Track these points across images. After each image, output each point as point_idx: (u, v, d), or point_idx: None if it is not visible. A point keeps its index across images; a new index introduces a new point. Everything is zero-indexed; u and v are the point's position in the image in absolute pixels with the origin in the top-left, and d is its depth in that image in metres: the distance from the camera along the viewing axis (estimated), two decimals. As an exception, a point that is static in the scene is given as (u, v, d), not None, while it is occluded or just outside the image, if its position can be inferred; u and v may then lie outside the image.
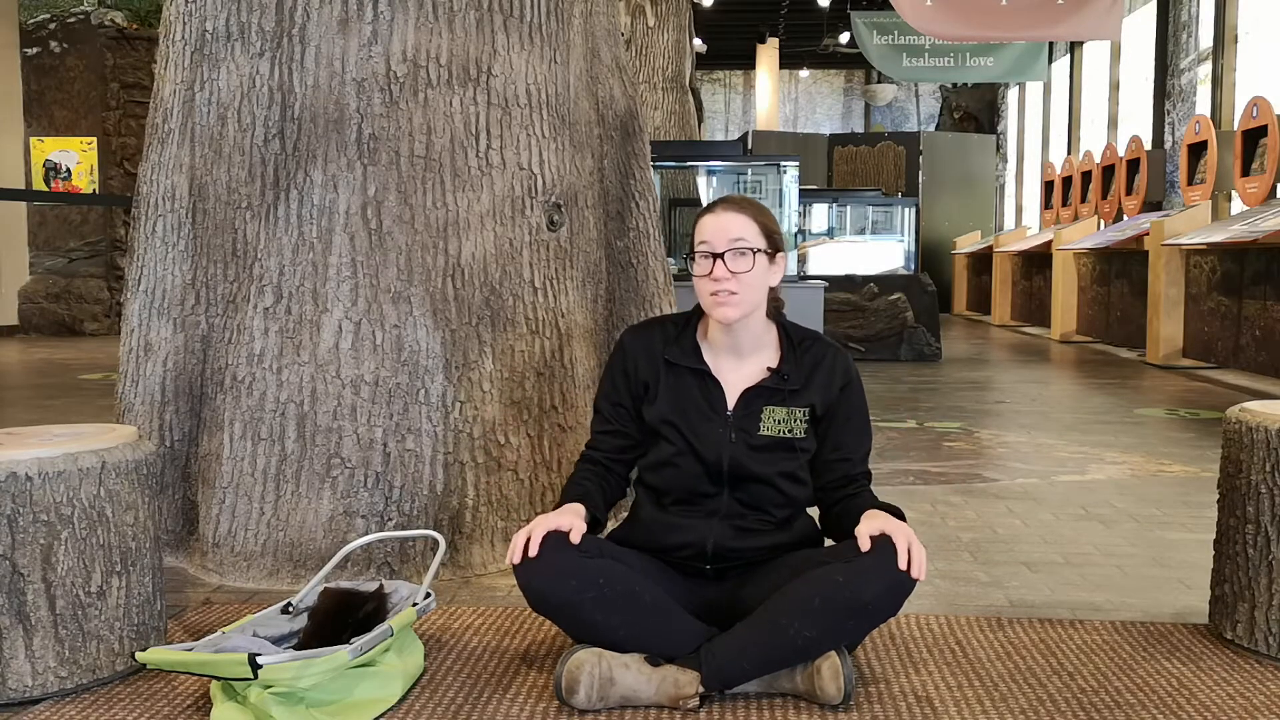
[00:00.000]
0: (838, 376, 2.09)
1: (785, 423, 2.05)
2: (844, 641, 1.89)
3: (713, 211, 2.03)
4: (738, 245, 1.98)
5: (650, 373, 2.10)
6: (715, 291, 1.98)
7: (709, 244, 2.00)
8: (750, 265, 1.99)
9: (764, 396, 2.06)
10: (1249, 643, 2.14)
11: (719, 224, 2.00)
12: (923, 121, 22.05)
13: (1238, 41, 9.75)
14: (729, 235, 1.99)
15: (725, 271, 1.97)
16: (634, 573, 1.94)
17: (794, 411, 2.06)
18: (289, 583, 2.56)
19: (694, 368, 2.08)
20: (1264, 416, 2.13)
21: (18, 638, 1.90)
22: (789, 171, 6.85)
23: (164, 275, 2.84)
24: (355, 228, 2.65)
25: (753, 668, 1.87)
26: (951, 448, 4.45)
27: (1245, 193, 7.64)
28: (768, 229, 2.04)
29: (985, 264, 13.49)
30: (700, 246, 2.02)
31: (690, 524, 2.05)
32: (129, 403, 2.85)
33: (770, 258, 2.04)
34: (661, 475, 2.08)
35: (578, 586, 1.87)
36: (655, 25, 11.23)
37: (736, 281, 1.98)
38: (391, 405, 2.62)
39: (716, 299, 1.99)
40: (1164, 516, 3.31)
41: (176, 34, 2.85)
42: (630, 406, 2.12)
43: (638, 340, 2.14)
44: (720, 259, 1.98)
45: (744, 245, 1.99)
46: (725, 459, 2.03)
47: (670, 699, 1.85)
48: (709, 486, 2.05)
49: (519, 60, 2.80)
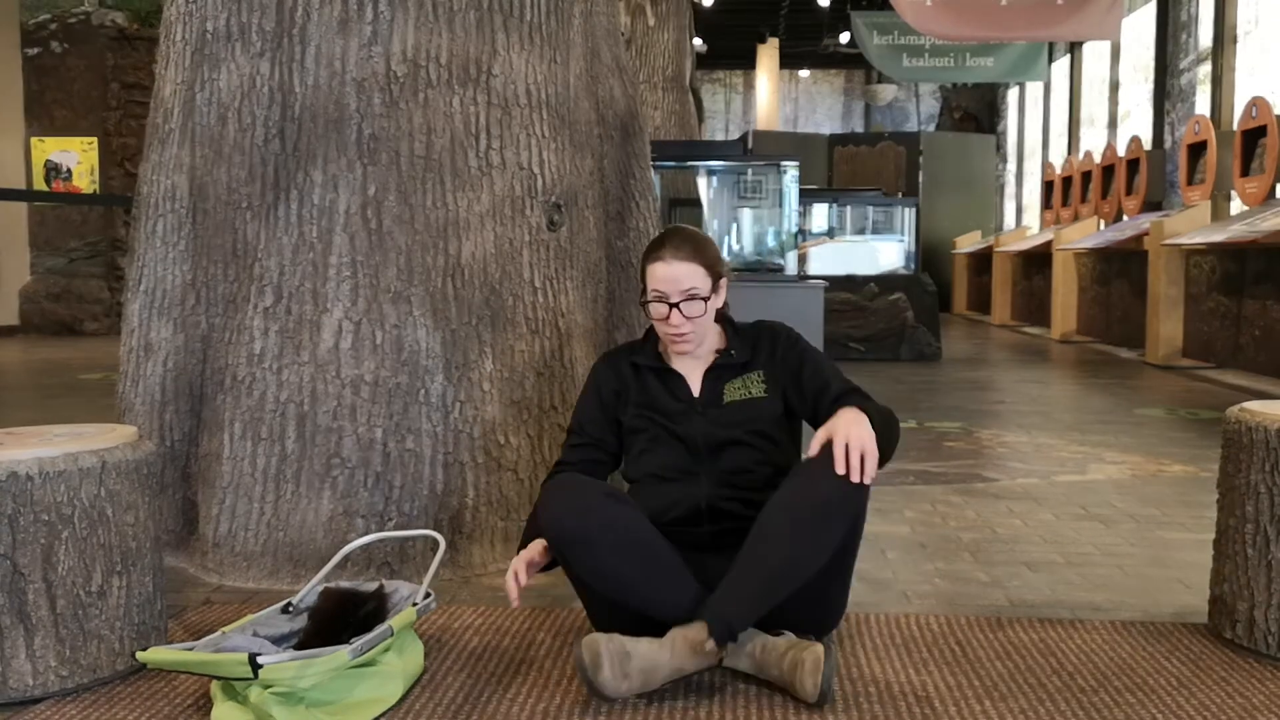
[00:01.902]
0: (780, 342, 2.24)
1: (743, 388, 2.20)
2: (831, 548, 1.94)
3: (663, 260, 2.14)
4: (690, 294, 2.13)
5: (621, 383, 2.26)
6: (673, 334, 2.16)
7: (663, 294, 2.14)
8: (703, 310, 2.16)
9: (722, 374, 2.22)
10: (1249, 643, 2.14)
11: (672, 274, 2.13)
12: (923, 121, 22.05)
13: (1237, 41, 9.75)
14: (681, 287, 2.13)
15: (681, 319, 2.14)
16: (651, 527, 2.01)
17: (748, 377, 2.21)
18: (289, 583, 2.56)
19: (657, 367, 2.24)
20: (1264, 416, 2.13)
21: (18, 637, 1.90)
22: (789, 171, 6.85)
23: (164, 275, 2.84)
24: (355, 228, 2.65)
25: (753, 608, 1.92)
26: (951, 448, 4.45)
27: (1245, 193, 7.64)
28: (712, 267, 2.18)
29: (985, 264, 13.49)
30: (654, 292, 2.16)
31: (681, 490, 2.14)
32: (129, 403, 2.85)
33: (716, 291, 2.20)
34: (644, 461, 2.20)
35: (599, 525, 1.94)
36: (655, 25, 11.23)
37: (691, 324, 2.15)
38: (391, 405, 2.62)
39: (674, 339, 2.17)
40: (1164, 516, 3.31)
41: (177, 34, 2.85)
42: (605, 419, 2.26)
43: (608, 364, 2.31)
44: (675, 308, 2.13)
45: (696, 293, 2.14)
46: (699, 434, 2.16)
47: (690, 653, 1.89)
48: (690, 461, 2.16)
49: (519, 60, 2.80)
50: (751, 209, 7.44)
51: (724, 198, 7.51)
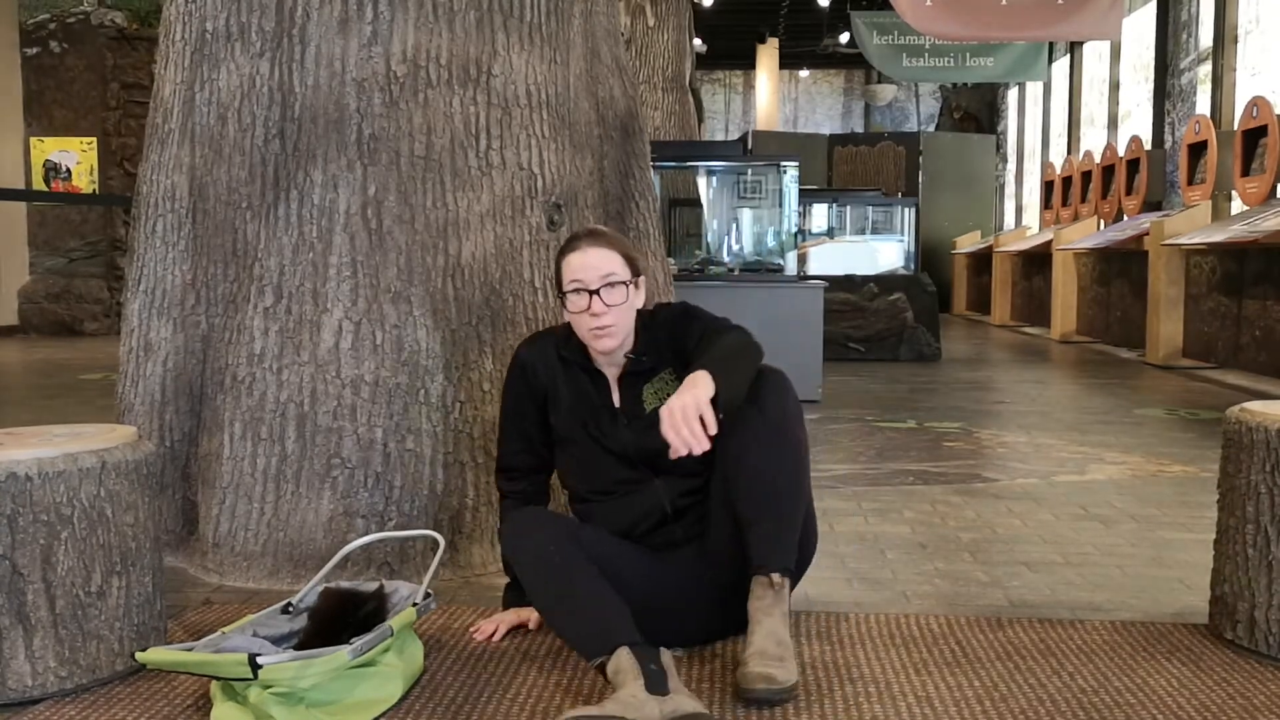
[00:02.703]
0: (676, 327, 2.18)
1: (660, 391, 2.15)
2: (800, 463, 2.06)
3: (579, 250, 2.11)
4: (610, 280, 2.09)
5: (548, 378, 2.21)
6: (595, 327, 2.09)
7: (582, 281, 2.09)
8: (624, 297, 2.10)
9: (636, 380, 2.17)
10: (1249, 643, 2.14)
11: (588, 261, 2.09)
12: (923, 121, 22.05)
13: (1238, 41, 9.75)
14: (600, 272, 2.08)
15: (602, 306, 2.08)
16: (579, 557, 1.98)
17: (663, 377, 2.17)
18: (289, 583, 2.56)
19: (584, 365, 2.19)
20: (1264, 416, 2.13)
21: (18, 638, 1.90)
22: (789, 171, 6.84)
23: (164, 275, 2.84)
24: (355, 228, 2.65)
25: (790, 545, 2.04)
26: (951, 448, 4.45)
27: (1245, 193, 7.64)
28: (630, 258, 2.16)
29: (985, 264, 13.49)
30: (573, 284, 2.10)
31: (640, 501, 2.14)
32: (129, 403, 2.85)
33: (635, 285, 2.16)
34: (588, 477, 2.19)
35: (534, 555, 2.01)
36: (655, 25, 11.23)
37: (613, 314, 2.09)
38: (391, 405, 2.62)
39: (596, 334, 2.11)
40: (1164, 516, 3.31)
41: (176, 34, 2.85)
42: (535, 418, 2.23)
43: (533, 350, 2.24)
44: (596, 295, 2.08)
45: (615, 279, 2.10)
46: (630, 447, 2.14)
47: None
48: (633, 472, 2.15)
49: (519, 60, 2.80)
50: (751, 209, 7.43)
51: (724, 198, 7.51)
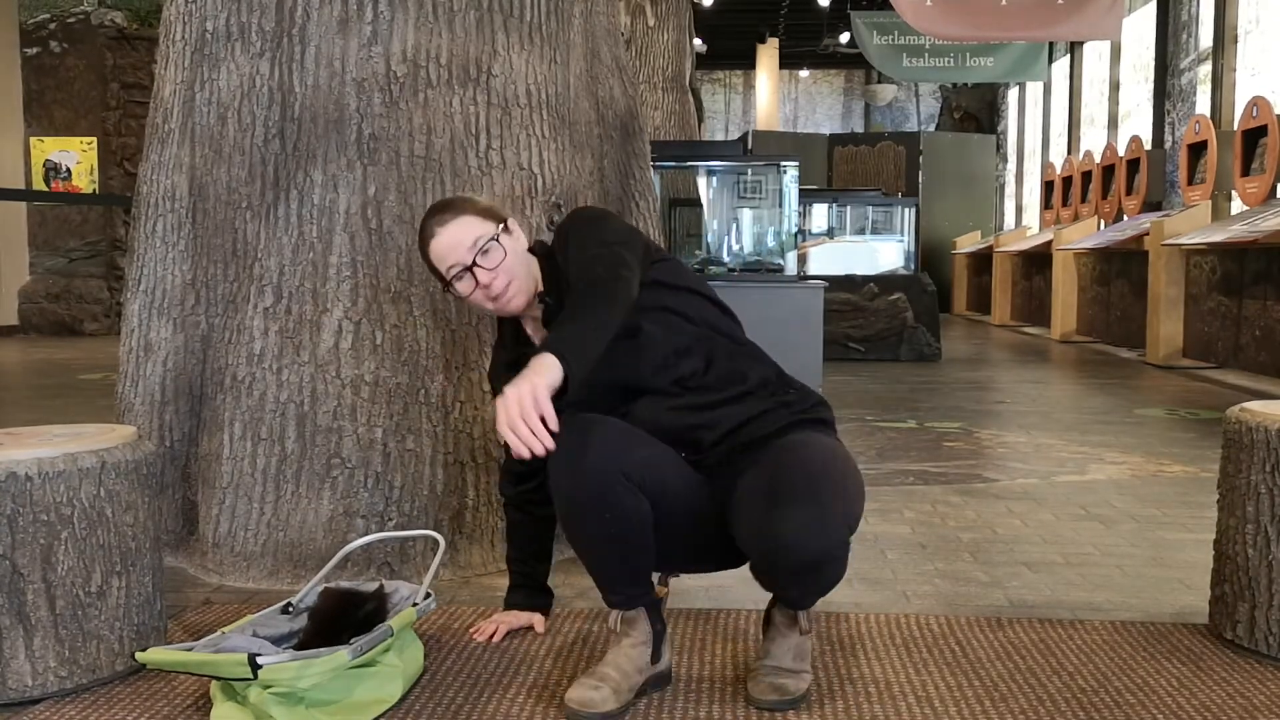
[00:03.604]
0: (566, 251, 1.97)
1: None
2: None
3: (434, 235, 2.00)
4: (479, 246, 1.98)
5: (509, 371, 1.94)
6: (494, 296, 1.98)
7: (456, 264, 1.98)
8: (502, 254, 1.99)
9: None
10: (1249, 643, 2.14)
11: (448, 242, 1.99)
12: (923, 121, 22.05)
13: (1238, 41, 9.75)
14: (464, 245, 1.98)
15: (488, 275, 1.97)
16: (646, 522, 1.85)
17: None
18: (289, 583, 2.56)
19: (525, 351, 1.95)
20: (1264, 416, 2.13)
21: (18, 638, 1.90)
22: (789, 171, 6.84)
23: (164, 275, 2.84)
24: (355, 227, 2.65)
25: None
26: (951, 448, 4.45)
27: (1245, 193, 7.64)
28: (484, 211, 2.03)
29: (985, 264, 13.49)
30: (450, 272, 2.00)
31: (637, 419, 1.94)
32: (129, 403, 2.85)
33: (506, 231, 2.01)
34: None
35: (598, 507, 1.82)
36: (655, 25, 11.23)
37: (501, 273, 1.97)
38: (391, 405, 2.62)
39: (498, 303, 2.00)
40: (1164, 516, 3.31)
41: (176, 34, 2.85)
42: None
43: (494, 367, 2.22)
44: (474, 269, 1.97)
45: (483, 242, 1.98)
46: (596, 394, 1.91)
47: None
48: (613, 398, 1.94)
49: (519, 60, 2.80)
50: (751, 209, 7.44)
51: (724, 198, 7.51)
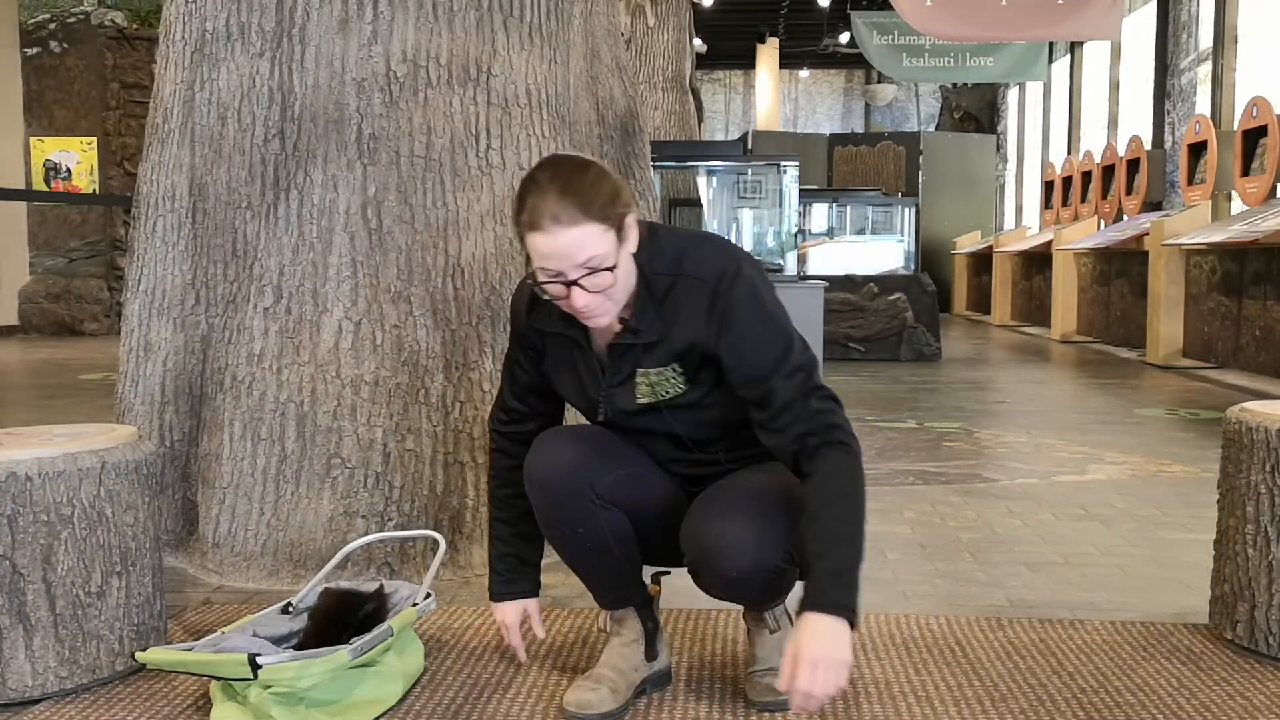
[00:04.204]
0: (702, 305, 1.72)
1: (659, 385, 1.78)
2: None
3: (541, 229, 1.61)
4: (590, 265, 1.63)
5: (534, 334, 1.87)
6: (579, 312, 1.68)
7: (560, 274, 1.64)
8: (610, 281, 1.65)
9: (628, 358, 1.77)
10: (1249, 643, 2.14)
11: (558, 247, 1.61)
12: (923, 121, 22.04)
13: (1238, 41, 9.75)
14: (575, 260, 1.62)
15: (586, 297, 1.65)
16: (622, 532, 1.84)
17: (663, 372, 1.77)
18: (289, 583, 2.56)
19: (563, 333, 1.82)
20: (1264, 416, 2.13)
21: (18, 638, 1.90)
22: (789, 171, 6.85)
23: (164, 275, 2.84)
24: (355, 228, 2.65)
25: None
26: (951, 448, 4.45)
27: (1245, 193, 7.64)
28: (609, 216, 1.63)
29: (985, 264, 13.49)
30: (545, 269, 1.65)
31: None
32: (129, 403, 2.85)
33: (621, 240, 1.66)
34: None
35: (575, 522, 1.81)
36: (655, 25, 11.23)
37: (600, 299, 1.67)
38: (391, 405, 2.62)
39: (579, 318, 1.71)
40: (1164, 516, 3.31)
41: (176, 34, 2.85)
42: (529, 369, 1.91)
43: (519, 296, 1.90)
44: (573, 285, 1.64)
45: (597, 263, 1.63)
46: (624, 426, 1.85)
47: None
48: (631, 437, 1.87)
49: (519, 60, 2.80)
50: (751, 209, 7.44)
51: (724, 198, 7.52)
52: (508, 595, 2.00)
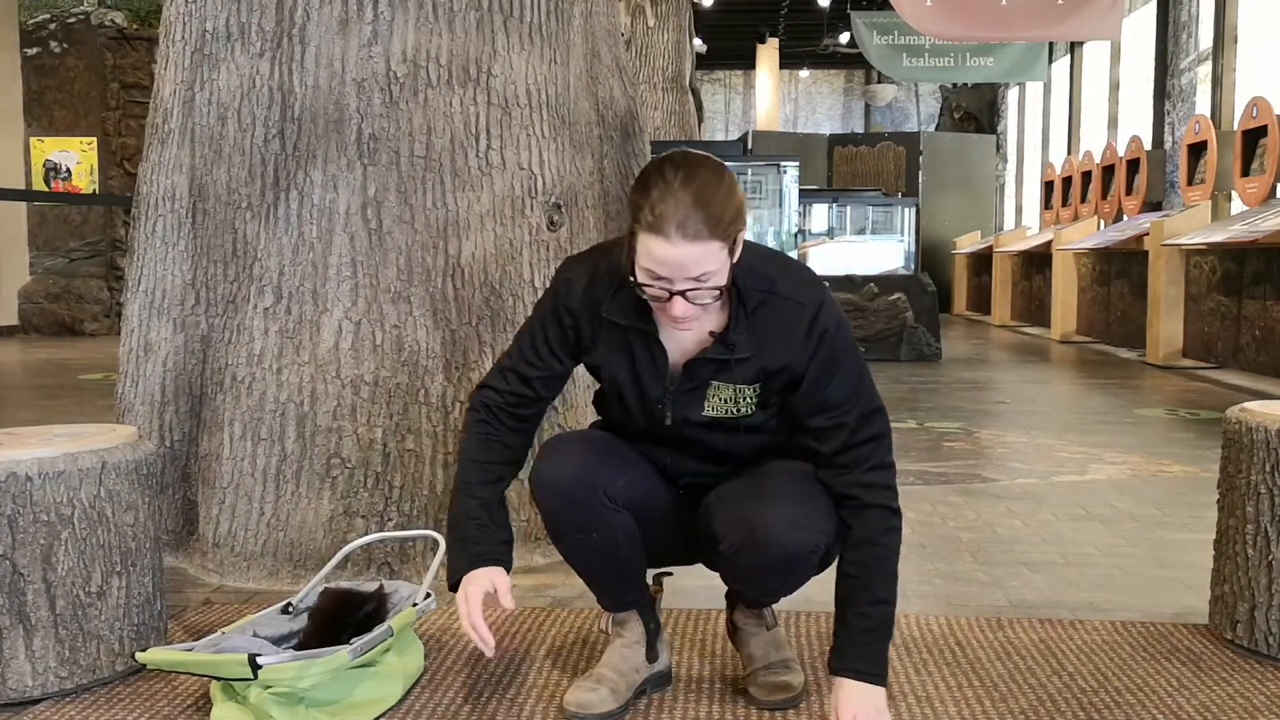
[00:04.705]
0: (800, 330, 1.72)
1: (732, 402, 1.77)
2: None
3: (665, 238, 1.57)
4: (702, 282, 1.61)
5: (587, 318, 1.79)
6: (672, 318, 1.66)
7: (666, 281, 1.61)
8: (716, 295, 1.65)
9: (709, 369, 1.75)
10: (1249, 643, 2.14)
11: (677, 258, 1.58)
12: (923, 121, 22.05)
13: (1238, 41, 9.75)
14: (689, 273, 1.60)
15: (685, 309, 1.63)
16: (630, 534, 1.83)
17: (741, 389, 1.76)
18: (289, 583, 2.56)
19: (635, 325, 1.75)
20: (1264, 416, 2.13)
21: (18, 638, 1.90)
22: (789, 171, 6.86)
23: (164, 275, 2.84)
24: (355, 228, 2.65)
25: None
26: (951, 448, 4.45)
27: (1245, 193, 7.64)
28: (729, 234, 1.61)
29: (985, 264, 13.49)
30: (649, 273, 1.62)
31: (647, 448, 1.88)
32: (129, 403, 2.85)
33: (731, 256, 1.65)
34: (609, 416, 1.92)
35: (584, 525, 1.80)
36: (655, 25, 11.24)
37: (698, 312, 1.66)
38: (391, 405, 2.62)
39: (671, 324, 1.69)
40: (1164, 516, 3.31)
41: (176, 34, 2.85)
42: (557, 353, 1.83)
43: (578, 275, 1.80)
44: (680, 296, 1.62)
45: (709, 280, 1.61)
46: (666, 436, 1.83)
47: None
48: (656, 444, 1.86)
49: (519, 60, 2.80)
50: (751, 209, 7.44)
51: (724, 198, 7.51)
52: (477, 563, 1.77)
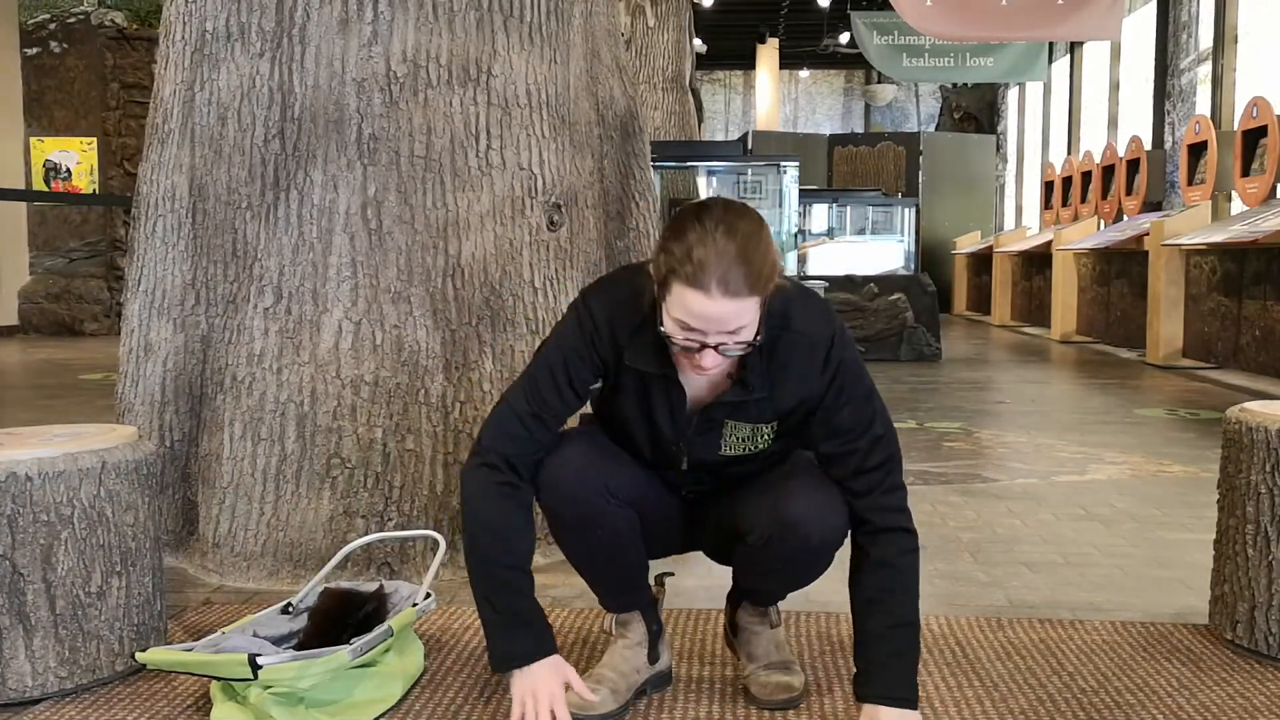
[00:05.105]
0: (816, 365, 1.72)
1: (750, 440, 1.79)
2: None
3: (705, 292, 1.54)
4: (736, 337, 1.59)
5: (610, 354, 1.75)
6: (695, 367, 1.64)
7: (699, 334, 1.58)
8: (743, 350, 1.62)
9: (726, 410, 1.75)
10: (1249, 643, 2.14)
11: (715, 314, 1.55)
12: (923, 121, 22.05)
13: (1238, 41, 9.75)
14: (725, 328, 1.57)
15: (716, 359, 1.61)
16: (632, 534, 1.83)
17: (759, 428, 1.77)
18: (289, 583, 2.56)
19: (657, 372, 1.73)
20: (1264, 416, 2.13)
21: (18, 638, 1.90)
22: (789, 172, 6.86)
23: (164, 275, 2.84)
24: (355, 228, 2.65)
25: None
26: (951, 448, 4.45)
27: (1245, 193, 7.64)
28: (766, 289, 1.59)
29: (985, 264, 13.49)
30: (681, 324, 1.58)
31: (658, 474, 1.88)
32: (129, 403, 2.85)
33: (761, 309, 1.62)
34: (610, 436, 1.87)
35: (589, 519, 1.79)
36: (655, 25, 11.24)
37: (724, 365, 1.65)
38: (391, 405, 2.62)
39: (701, 372, 1.65)
40: (1164, 516, 3.31)
41: (176, 34, 2.85)
42: (580, 391, 1.78)
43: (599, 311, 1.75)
44: (706, 348, 1.60)
45: (742, 336, 1.59)
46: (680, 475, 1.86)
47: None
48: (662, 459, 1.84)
49: (519, 60, 2.80)
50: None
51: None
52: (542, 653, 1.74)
